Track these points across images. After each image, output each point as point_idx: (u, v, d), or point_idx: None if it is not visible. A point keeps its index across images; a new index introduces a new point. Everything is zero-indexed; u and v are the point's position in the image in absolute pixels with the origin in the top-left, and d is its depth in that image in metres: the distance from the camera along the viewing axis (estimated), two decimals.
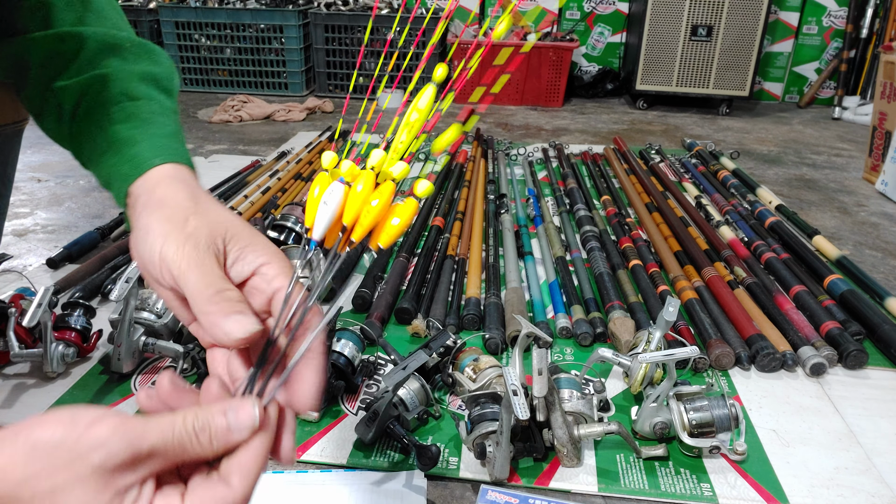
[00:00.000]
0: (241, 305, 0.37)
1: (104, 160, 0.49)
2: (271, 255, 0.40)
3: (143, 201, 0.43)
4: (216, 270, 0.38)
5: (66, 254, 1.27)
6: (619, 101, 3.10)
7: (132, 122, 0.50)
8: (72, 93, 0.53)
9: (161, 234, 0.39)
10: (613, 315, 1.08)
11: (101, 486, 0.30)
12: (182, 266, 0.37)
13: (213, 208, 0.42)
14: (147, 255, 0.39)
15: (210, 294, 0.36)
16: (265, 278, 0.39)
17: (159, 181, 0.45)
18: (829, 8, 3.03)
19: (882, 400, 0.94)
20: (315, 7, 2.97)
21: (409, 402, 0.81)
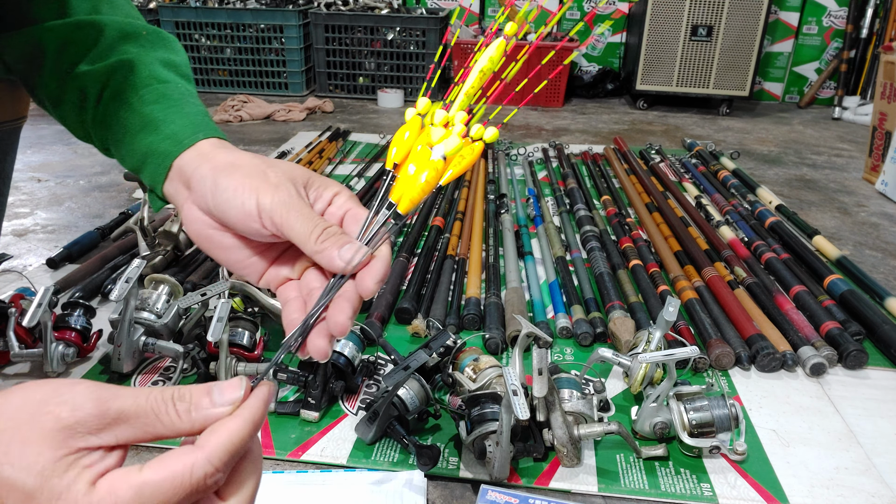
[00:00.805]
0: (345, 237, 0.41)
1: (139, 140, 0.50)
2: (340, 188, 0.45)
3: (208, 168, 0.45)
4: (312, 212, 0.42)
5: (66, 254, 1.27)
6: (619, 101, 3.10)
7: (164, 103, 0.51)
8: (96, 77, 0.53)
9: (251, 189, 0.41)
10: (613, 315, 1.08)
11: (59, 443, 0.30)
12: (282, 213, 0.40)
13: (280, 163, 0.45)
14: (240, 210, 0.42)
15: (317, 233, 0.40)
16: (336, 205, 0.44)
17: (213, 151, 0.47)
18: (829, 8, 3.03)
19: (882, 400, 0.94)
20: (315, 7, 2.97)
21: (409, 402, 0.81)
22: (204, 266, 1.19)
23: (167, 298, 0.95)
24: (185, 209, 0.46)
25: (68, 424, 0.30)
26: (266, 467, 0.79)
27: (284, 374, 0.86)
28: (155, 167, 0.49)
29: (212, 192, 0.43)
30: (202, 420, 0.33)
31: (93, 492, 0.29)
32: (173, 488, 0.30)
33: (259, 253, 0.45)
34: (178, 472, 0.30)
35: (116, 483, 0.30)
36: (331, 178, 1.99)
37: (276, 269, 0.45)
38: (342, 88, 3.02)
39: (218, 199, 0.43)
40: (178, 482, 0.30)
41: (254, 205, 0.41)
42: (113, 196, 1.67)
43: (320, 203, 0.44)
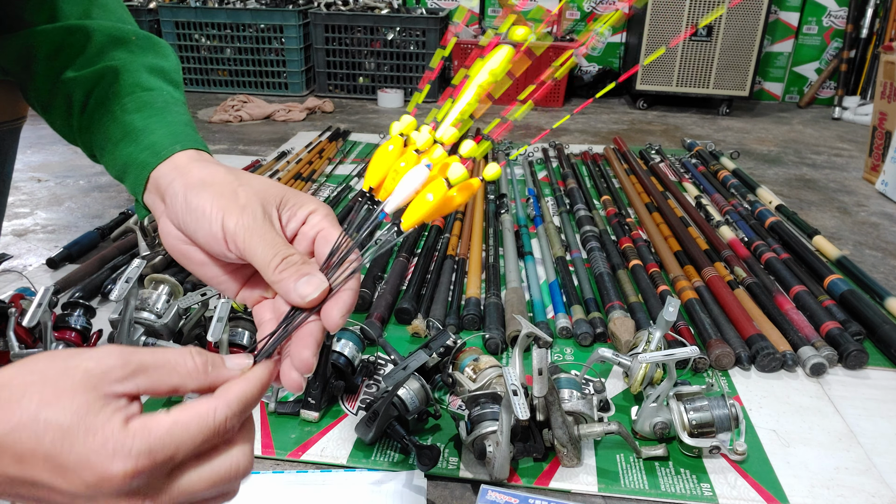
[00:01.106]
0: (306, 268, 0.40)
1: (119, 150, 0.50)
2: (317, 205, 0.44)
3: (181, 184, 0.44)
4: (276, 237, 0.40)
5: (66, 254, 1.27)
6: (619, 101, 3.09)
7: (146, 112, 0.51)
8: (82, 84, 0.53)
9: (218, 209, 0.41)
10: (613, 315, 1.08)
11: (89, 388, 0.32)
12: (245, 237, 0.40)
13: (254, 179, 0.44)
14: (206, 231, 0.41)
15: (277, 262, 0.39)
16: (310, 224, 0.43)
17: (188, 164, 0.46)
18: (829, 8, 3.03)
19: (882, 400, 0.94)
20: (315, 7, 2.97)
21: (409, 402, 0.81)
22: None
23: (167, 298, 0.95)
24: (161, 222, 0.46)
25: (96, 374, 0.32)
26: (266, 467, 0.79)
27: None
28: (135, 178, 0.48)
29: (182, 210, 0.43)
30: (215, 377, 0.36)
31: (126, 429, 0.32)
32: (199, 427, 0.33)
33: (232, 272, 0.44)
34: (202, 413, 0.33)
35: (149, 422, 0.32)
36: (331, 178, 1.97)
37: (249, 289, 0.45)
38: (342, 88, 3.02)
39: (187, 217, 0.42)
40: (203, 422, 0.33)
41: (219, 227, 0.40)
42: (113, 196, 1.67)
43: (294, 222, 0.43)
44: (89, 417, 0.31)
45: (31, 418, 0.31)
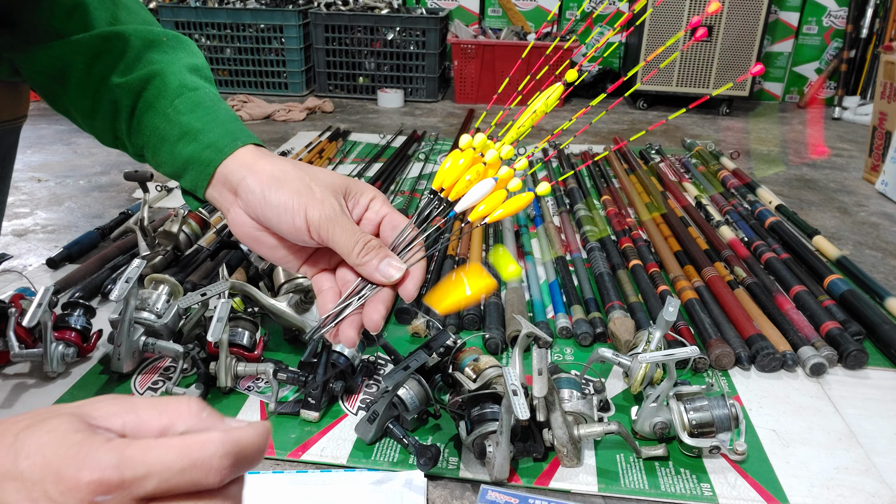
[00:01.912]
0: (384, 250, 0.47)
1: (178, 149, 0.53)
2: (375, 193, 0.51)
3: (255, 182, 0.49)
4: (354, 226, 0.48)
5: (66, 254, 1.27)
6: (622, 101, 3.09)
7: (199, 112, 0.54)
8: (129, 89, 0.56)
9: (300, 204, 0.47)
10: (613, 315, 1.08)
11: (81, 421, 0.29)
12: (328, 227, 0.47)
13: (320, 173, 0.50)
14: (290, 224, 0.47)
15: (359, 248, 0.46)
16: (373, 210, 0.51)
17: (255, 161, 0.51)
18: (829, 8, 3.03)
19: (882, 400, 0.94)
20: (315, 7, 2.97)
21: (409, 402, 0.81)
22: (204, 266, 1.19)
23: (167, 298, 0.95)
24: (232, 213, 0.51)
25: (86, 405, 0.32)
26: (266, 467, 0.79)
27: (284, 374, 0.86)
28: (197, 174, 0.52)
29: (261, 205, 0.48)
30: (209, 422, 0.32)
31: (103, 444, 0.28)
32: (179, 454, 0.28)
33: (297, 251, 0.51)
34: (188, 442, 0.29)
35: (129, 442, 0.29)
36: None
37: (313, 261, 0.52)
38: (342, 88, 3.02)
39: (269, 212, 0.48)
40: (186, 450, 0.29)
41: (303, 221, 0.47)
42: (113, 196, 1.67)
43: (358, 209, 0.50)
44: (68, 434, 0.28)
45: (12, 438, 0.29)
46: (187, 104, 0.55)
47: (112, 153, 1.99)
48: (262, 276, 1.11)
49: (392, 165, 1.89)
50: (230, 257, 1.19)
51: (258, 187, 0.49)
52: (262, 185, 0.48)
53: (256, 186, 0.49)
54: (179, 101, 0.55)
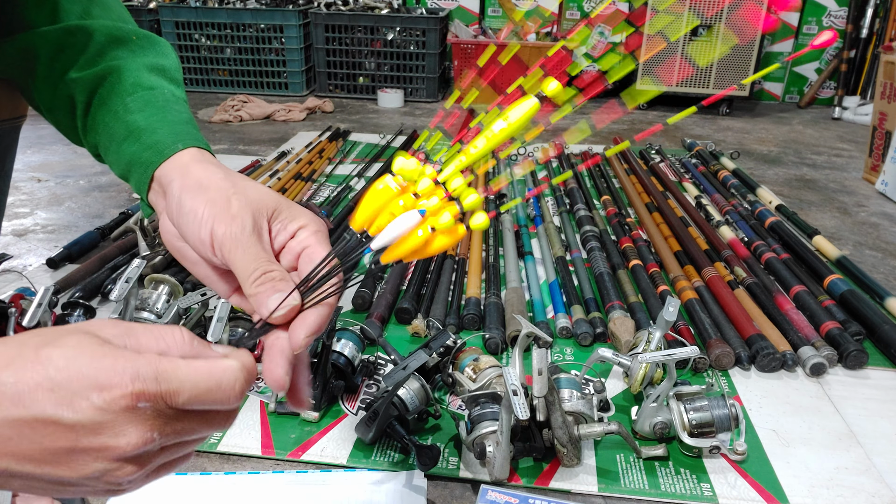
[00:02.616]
0: (281, 284, 0.40)
1: (123, 149, 0.50)
2: (308, 219, 0.44)
3: (178, 185, 0.45)
4: (260, 252, 0.41)
5: (66, 254, 1.27)
6: (619, 101, 3.09)
7: (149, 111, 0.51)
8: (84, 85, 0.53)
9: (210, 215, 0.42)
10: (613, 315, 1.08)
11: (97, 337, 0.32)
12: (230, 246, 0.41)
13: (250, 187, 0.44)
14: (196, 236, 0.42)
15: (257, 275, 0.40)
16: (298, 239, 0.43)
17: (189, 164, 0.47)
18: (829, 8, 3.03)
19: (882, 400, 0.94)
20: (315, 7, 2.97)
21: (409, 402, 0.81)
22: None
23: (167, 298, 0.95)
24: (161, 219, 0.47)
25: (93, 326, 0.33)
26: (266, 467, 0.79)
27: None
28: (139, 176, 0.49)
29: (177, 211, 0.44)
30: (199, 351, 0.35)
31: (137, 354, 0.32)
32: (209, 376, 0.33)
33: (224, 274, 0.44)
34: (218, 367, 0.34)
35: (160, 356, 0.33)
36: (331, 178, 1.97)
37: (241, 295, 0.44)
38: (342, 88, 3.02)
39: (181, 219, 0.43)
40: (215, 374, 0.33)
41: (208, 233, 0.41)
42: (113, 196, 1.67)
43: (283, 235, 0.43)
44: (95, 346, 0.31)
45: (32, 353, 0.30)
46: (138, 103, 0.52)
47: None
48: None
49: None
50: None
51: (178, 191, 0.44)
52: (182, 190, 0.44)
53: (177, 190, 0.44)
54: (131, 99, 0.52)
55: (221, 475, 0.76)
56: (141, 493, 0.73)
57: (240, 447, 0.81)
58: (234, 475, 0.76)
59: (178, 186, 0.45)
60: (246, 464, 0.79)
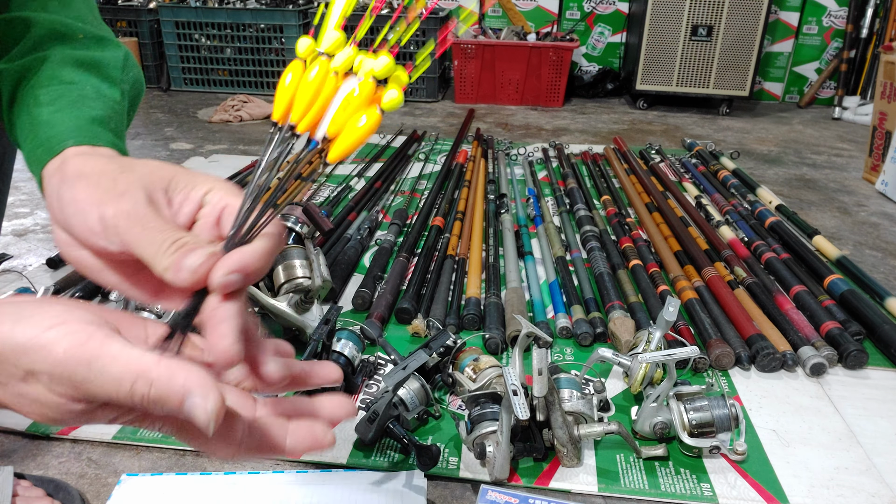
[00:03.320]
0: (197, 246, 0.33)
1: (27, 143, 0.45)
2: (213, 182, 0.37)
3: (57, 180, 0.39)
4: (163, 223, 0.34)
5: None
6: (619, 101, 3.09)
7: (56, 105, 0.46)
8: (10, 77, 0.49)
9: (93, 201, 0.35)
10: (613, 315, 1.08)
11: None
12: (126, 226, 0.34)
13: (140, 164, 0.38)
14: (83, 226, 0.36)
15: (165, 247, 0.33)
16: (211, 204, 0.37)
17: (69, 158, 0.41)
18: (829, 8, 3.03)
19: (882, 400, 0.94)
20: (315, 7, 2.97)
21: (409, 402, 0.81)
22: None
23: None
24: (53, 229, 0.40)
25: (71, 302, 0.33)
26: (266, 467, 0.79)
27: None
28: (35, 173, 0.44)
29: (58, 207, 0.37)
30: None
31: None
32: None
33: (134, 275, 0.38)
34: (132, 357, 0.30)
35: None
36: (331, 178, 1.97)
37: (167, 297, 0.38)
38: None
39: (63, 214, 0.37)
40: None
41: (96, 218, 0.35)
42: None
43: (188, 206, 0.37)
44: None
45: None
46: (50, 96, 0.46)
47: None
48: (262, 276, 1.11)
49: (392, 165, 1.89)
50: None
51: (56, 186, 0.38)
52: (60, 184, 0.38)
53: (56, 185, 0.39)
54: (43, 91, 0.47)
55: (221, 475, 0.76)
56: (141, 494, 0.73)
57: None
58: (234, 475, 0.76)
59: (57, 180, 0.39)
60: (246, 464, 0.79)
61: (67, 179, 0.38)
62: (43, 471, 0.77)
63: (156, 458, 0.80)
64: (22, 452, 0.80)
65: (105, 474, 0.77)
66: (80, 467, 0.78)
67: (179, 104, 2.77)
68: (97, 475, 0.77)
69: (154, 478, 0.75)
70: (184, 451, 0.80)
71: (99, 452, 0.80)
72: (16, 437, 0.82)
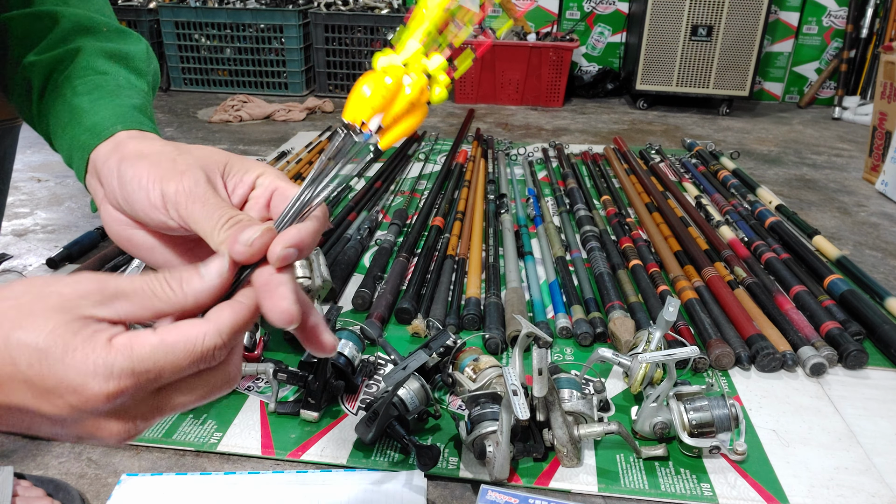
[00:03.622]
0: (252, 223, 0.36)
1: (66, 133, 0.48)
2: (263, 168, 0.41)
3: (116, 159, 0.42)
4: (221, 201, 0.37)
5: (66, 254, 1.27)
6: (619, 101, 3.10)
7: (96, 94, 0.48)
8: (41, 69, 0.51)
9: (155, 178, 0.38)
10: (613, 315, 1.08)
11: (66, 311, 0.30)
12: (186, 202, 0.37)
13: (195, 148, 0.41)
14: (144, 202, 0.38)
15: (222, 223, 0.36)
16: (262, 186, 0.40)
17: (124, 141, 0.44)
18: (829, 8, 3.03)
19: (882, 400, 0.94)
20: (315, 7, 2.97)
21: (409, 402, 0.81)
22: None
23: None
24: (102, 209, 0.43)
25: (72, 297, 0.31)
26: (266, 467, 0.79)
27: (284, 374, 0.86)
28: (79, 162, 0.46)
29: (119, 185, 0.40)
30: (194, 293, 0.33)
31: (109, 347, 0.30)
32: (185, 351, 0.31)
33: (185, 253, 0.41)
34: (191, 336, 0.31)
35: (134, 340, 0.31)
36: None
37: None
38: (342, 88, 3.02)
39: (125, 190, 0.40)
40: (190, 345, 0.31)
41: (158, 195, 0.38)
42: None
43: (241, 188, 0.40)
44: (67, 336, 0.30)
45: (2, 342, 0.30)
46: (87, 86, 0.49)
47: None
48: None
49: (392, 165, 1.89)
50: None
51: (116, 166, 0.41)
52: (121, 161, 0.41)
53: (115, 165, 0.41)
54: (80, 82, 0.49)
55: (221, 475, 0.76)
56: (141, 494, 0.73)
57: (240, 447, 0.81)
58: (234, 475, 0.76)
59: (116, 160, 0.41)
60: (246, 464, 0.79)
61: (128, 158, 0.41)
62: (43, 471, 0.77)
63: (156, 458, 0.80)
64: (22, 452, 0.80)
65: (105, 474, 0.77)
66: (80, 467, 0.78)
67: (179, 104, 2.77)
68: (97, 475, 0.77)
69: (154, 478, 0.75)
70: (184, 452, 0.81)
71: (99, 452, 0.80)
72: (16, 437, 0.82)
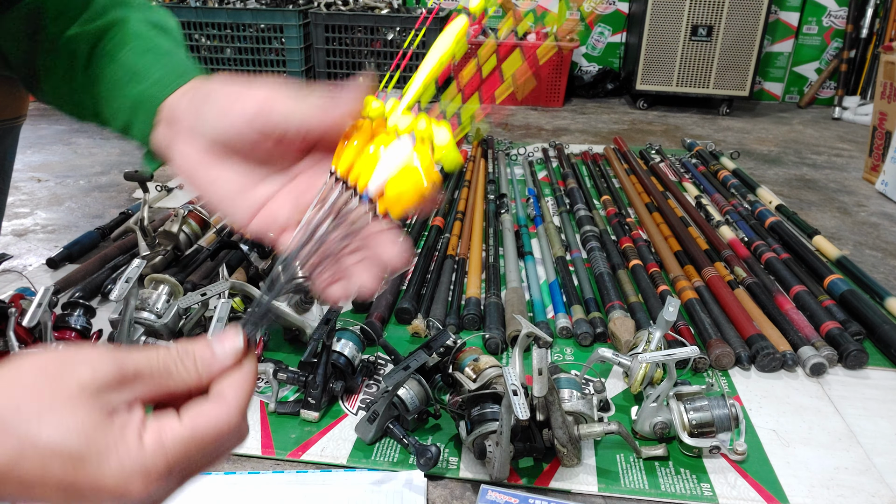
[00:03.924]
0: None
1: (126, 91, 0.49)
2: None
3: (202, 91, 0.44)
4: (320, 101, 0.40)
5: (66, 254, 1.27)
6: (619, 101, 3.09)
7: (152, 55, 0.51)
8: (87, 38, 0.53)
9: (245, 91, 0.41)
10: (613, 315, 1.08)
11: (88, 403, 0.30)
12: (281, 100, 0.39)
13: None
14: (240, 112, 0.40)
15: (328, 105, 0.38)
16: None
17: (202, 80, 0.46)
18: (829, 8, 3.03)
19: (882, 400, 0.94)
20: (315, 7, 2.97)
21: (409, 402, 0.81)
22: (204, 266, 1.19)
23: (167, 298, 0.95)
24: (174, 149, 0.45)
25: (92, 387, 0.30)
26: (266, 467, 0.79)
27: (284, 374, 0.86)
28: (144, 115, 0.47)
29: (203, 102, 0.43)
30: (209, 373, 0.35)
31: (142, 446, 0.30)
32: (213, 437, 0.33)
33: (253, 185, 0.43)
34: (219, 423, 0.33)
35: (163, 435, 0.31)
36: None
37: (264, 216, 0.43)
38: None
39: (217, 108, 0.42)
40: (217, 431, 0.33)
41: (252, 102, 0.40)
42: (113, 196, 1.67)
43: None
44: (98, 437, 0.29)
45: (31, 444, 0.29)
46: (139, 49, 0.51)
47: (112, 153, 1.99)
48: (262, 275, 1.11)
49: None
50: (230, 257, 1.19)
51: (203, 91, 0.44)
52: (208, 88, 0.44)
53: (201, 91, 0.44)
54: (133, 44, 0.52)
55: (221, 475, 0.76)
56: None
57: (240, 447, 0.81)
58: (234, 475, 0.76)
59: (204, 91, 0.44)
60: (246, 464, 0.79)
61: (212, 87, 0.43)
62: None
63: None
64: None
65: None
66: None
67: None
68: None
69: None
70: None
71: None
72: None
